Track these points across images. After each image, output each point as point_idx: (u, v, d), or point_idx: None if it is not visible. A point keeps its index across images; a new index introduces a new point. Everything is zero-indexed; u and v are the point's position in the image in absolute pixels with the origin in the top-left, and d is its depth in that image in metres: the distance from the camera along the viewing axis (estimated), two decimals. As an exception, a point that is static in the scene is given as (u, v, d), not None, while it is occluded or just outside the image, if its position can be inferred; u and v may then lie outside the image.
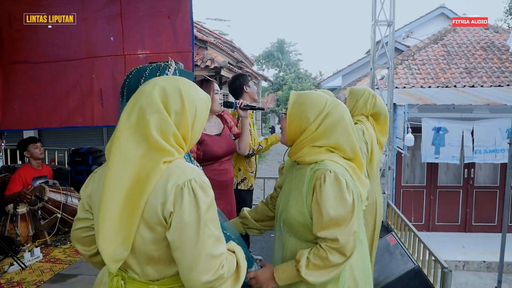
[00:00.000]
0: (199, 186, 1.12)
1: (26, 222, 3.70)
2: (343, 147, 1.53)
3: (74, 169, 5.14)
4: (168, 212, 1.11)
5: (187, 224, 1.09)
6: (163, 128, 1.14)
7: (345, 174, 1.48)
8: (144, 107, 1.15)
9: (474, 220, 8.37)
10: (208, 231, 1.11)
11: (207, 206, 1.13)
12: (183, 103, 1.18)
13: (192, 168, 1.18)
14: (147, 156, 1.12)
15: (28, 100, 5.17)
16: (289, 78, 33.10)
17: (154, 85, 1.19)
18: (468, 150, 7.09)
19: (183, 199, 1.10)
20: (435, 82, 9.13)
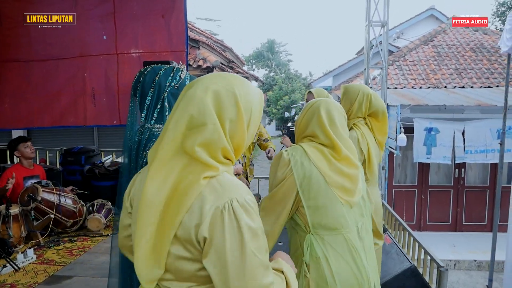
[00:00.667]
0: (242, 208, 0.98)
1: (18, 223, 3.63)
2: (317, 134, 1.67)
3: (67, 169, 5.08)
4: (202, 237, 0.97)
5: (229, 254, 0.95)
6: (212, 142, 1.01)
7: (295, 154, 1.60)
8: (195, 116, 1.02)
9: (465, 220, 8.45)
10: (255, 260, 0.97)
11: (253, 232, 0.98)
12: (239, 110, 1.05)
13: (236, 185, 1.03)
14: (187, 168, 1.00)
15: (19, 99, 5.10)
16: (280, 79, 33.10)
17: (206, 89, 1.04)
18: (459, 150, 7.17)
19: (223, 224, 0.96)
20: (426, 83, 9.21)
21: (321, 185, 1.56)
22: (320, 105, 1.70)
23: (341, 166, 1.61)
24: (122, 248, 1.30)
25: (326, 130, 1.64)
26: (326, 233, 1.58)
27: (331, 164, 1.59)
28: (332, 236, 1.58)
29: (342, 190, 1.59)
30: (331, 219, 1.57)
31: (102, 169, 4.86)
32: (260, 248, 1.00)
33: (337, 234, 1.58)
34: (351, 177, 1.61)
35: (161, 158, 1.02)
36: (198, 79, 1.10)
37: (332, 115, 1.68)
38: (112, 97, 4.86)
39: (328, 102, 1.73)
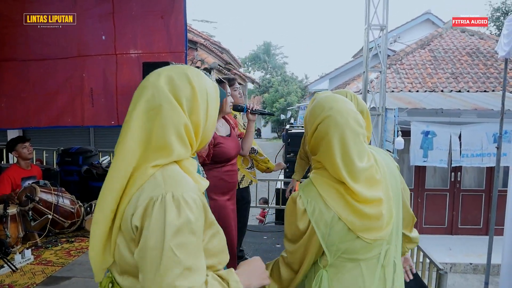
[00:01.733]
0: (175, 203, 0.96)
1: (16, 223, 3.60)
2: (328, 168, 1.36)
3: (64, 169, 5.05)
4: (134, 225, 0.98)
5: (149, 246, 0.94)
6: (172, 121, 1.03)
7: (310, 199, 1.35)
8: (150, 99, 1.04)
9: (461, 223, 8.49)
10: (172, 258, 0.93)
11: (176, 229, 0.94)
12: (193, 88, 1.07)
13: (179, 179, 1.02)
14: (143, 155, 1.02)
15: (16, 98, 5.07)
16: (276, 81, 33.19)
17: (159, 75, 1.07)
18: (455, 154, 7.20)
19: (151, 216, 0.95)
20: (423, 86, 9.26)
21: (344, 232, 1.33)
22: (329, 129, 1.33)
23: (362, 207, 1.32)
24: None
25: (339, 172, 1.32)
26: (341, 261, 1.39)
27: (350, 206, 1.32)
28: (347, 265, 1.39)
29: (367, 231, 1.34)
30: (351, 253, 1.37)
31: (100, 169, 4.84)
32: (183, 247, 0.95)
33: (353, 264, 1.39)
34: (377, 216, 1.34)
35: (121, 150, 1.02)
36: (154, 71, 1.12)
37: (347, 145, 1.32)
38: (110, 98, 4.84)
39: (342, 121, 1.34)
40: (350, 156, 1.32)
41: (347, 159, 1.32)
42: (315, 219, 1.32)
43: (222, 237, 1.15)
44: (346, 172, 1.32)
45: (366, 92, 5.52)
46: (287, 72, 39.02)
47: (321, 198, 1.33)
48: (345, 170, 1.31)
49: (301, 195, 1.37)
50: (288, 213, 1.41)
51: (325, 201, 1.33)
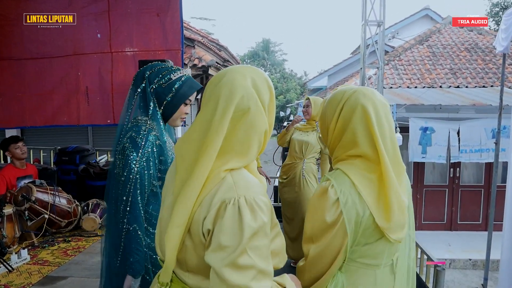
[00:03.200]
0: (248, 206, 0.96)
1: (12, 223, 3.59)
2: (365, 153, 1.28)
3: (61, 168, 5.03)
4: (206, 229, 0.98)
5: (223, 248, 0.94)
6: (260, 126, 1.05)
7: (344, 189, 1.24)
8: (241, 101, 1.03)
9: (460, 219, 8.48)
10: (248, 260, 0.93)
11: (253, 231, 0.94)
12: (271, 94, 1.10)
13: (251, 183, 1.02)
14: (220, 159, 1.01)
15: (12, 97, 5.04)
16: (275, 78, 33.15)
17: (245, 76, 1.06)
18: (454, 149, 7.18)
19: (224, 218, 0.95)
20: (421, 82, 9.23)
21: (371, 230, 1.25)
22: (358, 101, 1.28)
23: (394, 199, 1.23)
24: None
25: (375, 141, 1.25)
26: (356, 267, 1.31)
27: (382, 199, 1.24)
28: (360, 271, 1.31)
29: (393, 231, 1.25)
30: (369, 257, 1.30)
31: (97, 168, 4.82)
32: (258, 249, 0.96)
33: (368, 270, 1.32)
34: (403, 209, 1.26)
35: (211, 149, 1.00)
36: (228, 69, 1.10)
37: (380, 116, 1.27)
38: (106, 96, 4.81)
39: (369, 94, 1.30)
40: (383, 127, 1.26)
41: (381, 129, 1.26)
42: (347, 211, 1.22)
43: (282, 237, 1.16)
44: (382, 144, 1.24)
45: (363, 89, 5.49)
46: (286, 69, 38.98)
47: (355, 189, 1.24)
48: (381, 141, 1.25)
49: (334, 184, 1.25)
50: (315, 203, 1.29)
51: (359, 191, 1.24)
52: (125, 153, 1.59)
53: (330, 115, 1.34)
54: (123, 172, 1.58)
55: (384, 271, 1.33)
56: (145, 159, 1.59)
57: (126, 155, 1.59)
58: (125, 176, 1.57)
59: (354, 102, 1.28)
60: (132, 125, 1.68)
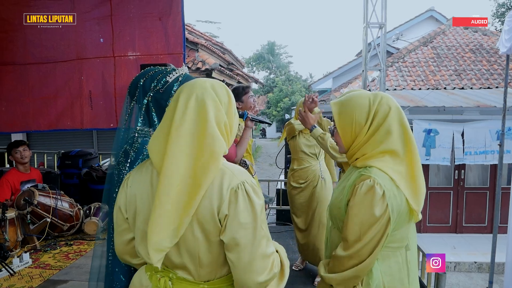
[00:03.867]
0: (251, 189, 1.16)
1: (14, 227, 3.61)
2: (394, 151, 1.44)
3: (64, 172, 5.07)
4: (223, 215, 1.13)
5: (243, 226, 1.12)
6: (218, 116, 1.18)
7: (386, 184, 1.38)
8: (199, 95, 1.18)
9: (465, 221, 8.41)
10: (262, 232, 1.15)
11: (261, 207, 1.16)
12: (229, 97, 1.25)
13: (241, 170, 1.22)
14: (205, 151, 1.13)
15: (16, 102, 5.09)
16: (280, 80, 33.13)
17: (205, 81, 1.24)
18: (458, 151, 7.14)
19: (238, 201, 1.13)
20: (425, 84, 9.19)
21: (404, 215, 1.43)
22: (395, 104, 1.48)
23: (422, 186, 1.46)
24: (121, 255, 1.37)
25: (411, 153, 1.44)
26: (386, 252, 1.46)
27: (413, 187, 1.44)
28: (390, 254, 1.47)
29: (418, 211, 1.47)
30: (397, 241, 1.47)
31: (99, 172, 4.84)
32: (264, 221, 1.18)
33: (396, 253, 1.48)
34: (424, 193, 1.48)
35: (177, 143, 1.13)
36: (192, 81, 1.26)
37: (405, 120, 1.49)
38: (109, 100, 4.84)
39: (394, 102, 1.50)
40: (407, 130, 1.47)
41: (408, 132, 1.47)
42: (391, 203, 1.38)
43: None
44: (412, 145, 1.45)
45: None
46: (291, 72, 38.97)
47: (393, 182, 1.40)
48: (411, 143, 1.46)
49: (377, 180, 1.38)
50: (361, 201, 1.39)
51: (397, 185, 1.40)
52: (119, 167, 1.59)
53: (362, 120, 1.46)
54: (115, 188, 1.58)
55: (403, 251, 1.50)
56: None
57: (119, 169, 1.59)
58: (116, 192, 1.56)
59: (386, 105, 1.46)
60: (129, 137, 1.67)
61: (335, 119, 1.53)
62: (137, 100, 1.67)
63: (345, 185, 1.51)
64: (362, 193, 1.39)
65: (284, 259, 1.31)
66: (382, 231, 1.38)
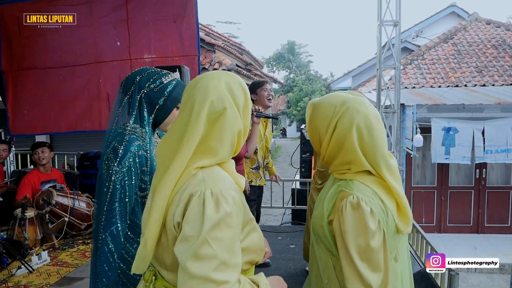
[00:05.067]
0: (213, 199, 1.00)
1: (34, 226, 3.75)
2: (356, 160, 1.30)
3: (83, 173, 5.19)
4: (176, 222, 1.04)
5: (186, 238, 0.99)
6: (233, 126, 1.11)
7: (372, 200, 1.27)
8: (215, 102, 1.09)
9: (487, 221, 8.22)
10: (208, 251, 0.96)
11: (214, 222, 0.98)
12: (246, 97, 1.17)
13: (220, 179, 1.08)
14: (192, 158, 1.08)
15: (37, 105, 5.27)
16: (300, 80, 33.01)
17: (219, 80, 1.13)
18: (479, 150, 6.97)
19: (188, 210, 1.01)
20: (445, 81, 9.01)
21: (392, 229, 1.31)
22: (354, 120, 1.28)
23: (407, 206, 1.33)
24: None
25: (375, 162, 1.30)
26: None
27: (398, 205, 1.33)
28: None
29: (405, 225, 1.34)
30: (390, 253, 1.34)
31: (116, 172, 4.94)
32: (220, 240, 0.97)
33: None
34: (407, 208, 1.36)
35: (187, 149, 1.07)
36: (204, 74, 1.17)
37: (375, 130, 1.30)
38: (126, 102, 4.94)
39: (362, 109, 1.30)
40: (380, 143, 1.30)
41: (377, 146, 1.29)
42: (381, 218, 1.25)
43: (260, 233, 1.20)
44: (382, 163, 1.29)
45: (380, 90, 5.43)
46: (311, 71, 38.78)
47: (377, 196, 1.28)
48: (381, 162, 1.29)
49: (360, 196, 1.26)
50: (352, 219, 1.25)
51: (381, 198, 1.28)
52: (108, 163, 1.62)
53: (323, 129, 1.34)
54: (105, 182, 1.59)
55: (392, 262, 1.36)
56: (125, 169, 1.59)
57: (108, 165, 1.61)
58: (106, 186, 1.58)
59: (348, 121, 1.28)
60: (117, 133, 1.67)
61: (306, 122, 1.42)
62: (131, 95, 1.71)
63: (325, 198, 1.37)
64: (349, 213, 1.25)
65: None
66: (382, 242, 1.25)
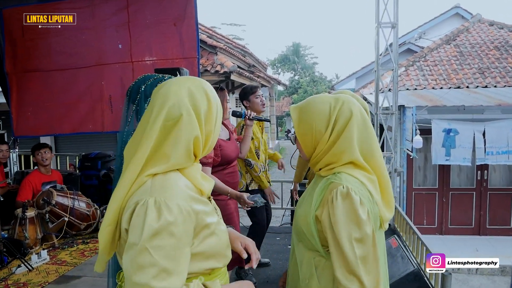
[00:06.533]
0: (156, 207, 1.01)
1: (34, 225, 3.82)
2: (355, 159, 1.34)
3: (84, 174, 5.27)
4: (123, 228, 1.05)
5: (128, 246, 1.00)
6: (188, 134, 1.10)
7: (361, 190, 1.29)
8: (172, 109, 1.10)
9: (489, 223, 8.20)
10: (148, 258, 0.96)
11: (154, 231, 0.98)
12: (209, 102, 1.17)
13: (166, 186, 1.07)
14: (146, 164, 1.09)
15: (41, 107, 5.35)
16: (304, 82, 33.06)
17: (180, 86, 1.14)
18: (480, 151, 6.97)
19: (132, 217, 1.02)
20: (447, 83, 9.01)
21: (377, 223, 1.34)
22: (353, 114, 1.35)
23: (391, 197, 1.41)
24: None
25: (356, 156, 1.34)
26: None
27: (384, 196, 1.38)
28: None
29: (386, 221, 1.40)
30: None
31: (117, 173, 5.01)
32: (161, 249, 0.98)
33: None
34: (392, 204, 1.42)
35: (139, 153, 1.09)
36: (169, 80, 1.20)
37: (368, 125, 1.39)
38: (127, 104, 5.01)
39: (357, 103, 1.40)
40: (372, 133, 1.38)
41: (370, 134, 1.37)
42: (368, 207, 1.28)
43: (221, 237, 1.18)
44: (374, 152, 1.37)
45: (378, 91, 5.46)
46: (316, 73, 38.81)
47: (364, 187, 1.32)
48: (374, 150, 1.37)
49: (349, 186, 1.28)
50: (343, 209, 1.26)
51: (369, 190, 1.32)
52: None
53: (322, 128, 1.36)
54: None
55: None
56: None
57: None
58: None
59: (348, 110, 1.35)
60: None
61: (295, 126, 1.43)
62: (138, 104, 1.78)
63: (311, 196, 1.39)
64: (339, 203, 1.26)
65: None
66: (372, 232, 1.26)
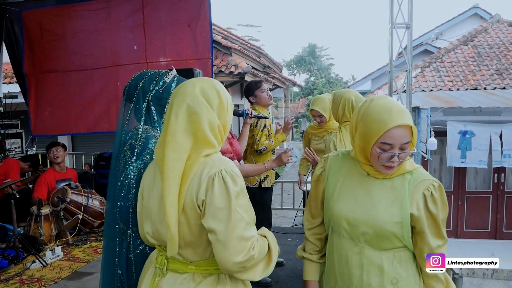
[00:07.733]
0: (229, 176, 1.26)
1: (49, 222, 3.91)
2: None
3: (99, 172, 5.35)
4: (200, 200, 1.25)
5: (219, 210, 1.22)
6: (211, 122, 1.31)
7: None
8: (191, 105, 1.31)
9: (505, 227, 8.05)
10: (238, 215, 1.23)
11: (236, 193, 1.24)
12: (220, 98, 1.35)
13: (225, 160, 1.32)
14: (193, 148, 1.29)
15: (58, 107, 5.47)
16: (320, 83, 32.93)
17: (194, 86, 1.34)
18: (496, 154, 6.86)
19: (213, 188, 1.24)
20: (464, 84, 8.85)
21: None
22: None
23: None
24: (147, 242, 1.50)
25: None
26: None
27: None
28: None
29: None
30: None
31: (131, 172, 5.08)
32: (244, 206, 1.26)
33: None
34: None
35: (173, 145, 1.28)
36: (184, 82, 1.40)
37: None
38: (141, 104, 5.09)
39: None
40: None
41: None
42: None
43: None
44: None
45: (391, 93, 5.42)
46: (332, 74, 38.60)
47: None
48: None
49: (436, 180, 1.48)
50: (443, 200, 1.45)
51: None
52: (125, 159, 1.69)
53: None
54: (120, 177, 1.65)
55: None
56: (142, 165, 1.63)
57: (125, 161, 1.68)
58: (121, 181, 1.63)
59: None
60: (132, 133, 1.75)
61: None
62: (136, 102, 1.77)
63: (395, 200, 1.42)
64: (439, 197, 1.42)
65: (273, 244, 1.39)
66: None
